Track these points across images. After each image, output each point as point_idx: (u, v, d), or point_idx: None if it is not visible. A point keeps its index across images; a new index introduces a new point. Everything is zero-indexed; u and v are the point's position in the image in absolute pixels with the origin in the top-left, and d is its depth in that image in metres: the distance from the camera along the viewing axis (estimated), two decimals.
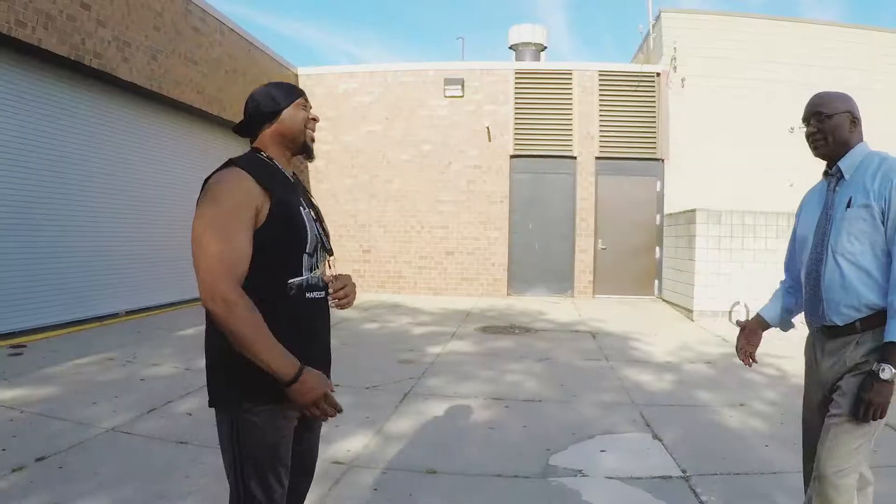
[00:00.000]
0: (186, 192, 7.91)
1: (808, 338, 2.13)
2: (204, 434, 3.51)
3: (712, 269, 8.52)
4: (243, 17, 49.79)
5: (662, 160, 11.29)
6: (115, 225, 7.68)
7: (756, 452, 3.52)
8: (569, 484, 3.06)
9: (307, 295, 1.67)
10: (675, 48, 10.90)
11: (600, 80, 11.42)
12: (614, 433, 3.85)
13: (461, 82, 11.52)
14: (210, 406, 1.65)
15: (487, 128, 11.47)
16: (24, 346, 5.77)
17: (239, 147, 2.24)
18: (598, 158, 11.43)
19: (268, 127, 1.73)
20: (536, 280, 11.64)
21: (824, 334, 2.01)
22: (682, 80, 10.93)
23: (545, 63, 12.88)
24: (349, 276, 1.83)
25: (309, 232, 1.67)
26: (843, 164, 1.98)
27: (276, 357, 1.51)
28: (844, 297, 1.90)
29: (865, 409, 1.79)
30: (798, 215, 2.23)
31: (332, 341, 1.84)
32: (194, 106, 8.76)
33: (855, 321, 1.89)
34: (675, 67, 10.93)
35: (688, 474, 3.18)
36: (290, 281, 1.62)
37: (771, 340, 2.67)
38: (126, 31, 7.30)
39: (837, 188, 1.99)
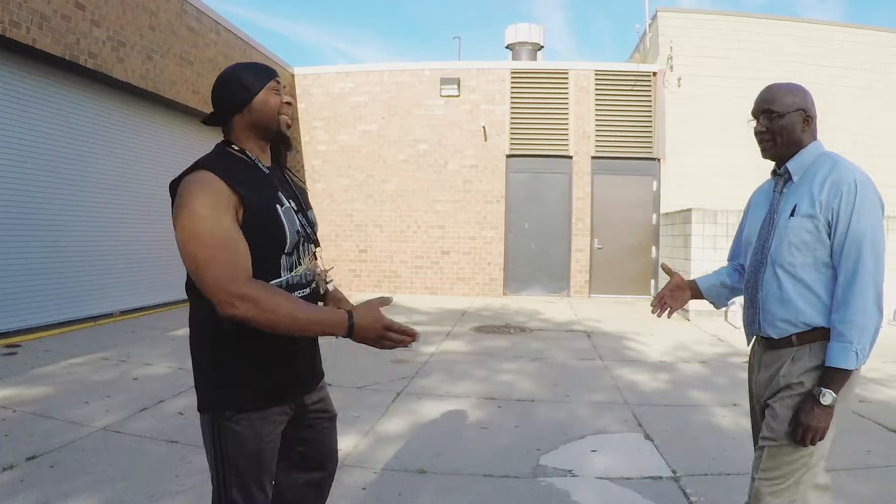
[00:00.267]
0: None
1: (752, 344, 2.06)
2: (194, 434, 3.49)
3: (708, 269, 8.49)
4: (239, 17, 49.95)
5: (658, 159, 11.29)
6: (111, 225, 7.68)
7: (748, 453, 3.47)
8: (558, 484, 3.06)
9: None
10: (671, 47, 10.90)
11: (596, 79, 11.42)
12: (606, 433, 3.86)
13: (457, 82, 11.51)
14: (198, 410, 1.63)
15: (483, 127, 11.47)
16: (19, 345, 5.77)
17: None
18: (594, 158, 11.44)
19: (238, 117, 1.61)
20: (532, 279, 11.64)
21: (761, 345, 1.93)
22: (679, 79, 10.92)
23: (541, 62, 12.88)
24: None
25: (287, 231, 1.58)
26: (792, 164, 1.84)
27: (323, 322, 1.47)
28: (781, 311, 1.80)
29: (804, 433, 1.71)
30: (745, 213, 2.12)
31: (324, 340, 1.78)
32: (190, 106, 8.75)
33: (791, 335, 1.79)
34: (671, 67, 10.93)
35: (678, 475, 3.18)
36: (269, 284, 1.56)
37: None
38: (121, 31, 7.29)
39: (784, 190, 1.87)
